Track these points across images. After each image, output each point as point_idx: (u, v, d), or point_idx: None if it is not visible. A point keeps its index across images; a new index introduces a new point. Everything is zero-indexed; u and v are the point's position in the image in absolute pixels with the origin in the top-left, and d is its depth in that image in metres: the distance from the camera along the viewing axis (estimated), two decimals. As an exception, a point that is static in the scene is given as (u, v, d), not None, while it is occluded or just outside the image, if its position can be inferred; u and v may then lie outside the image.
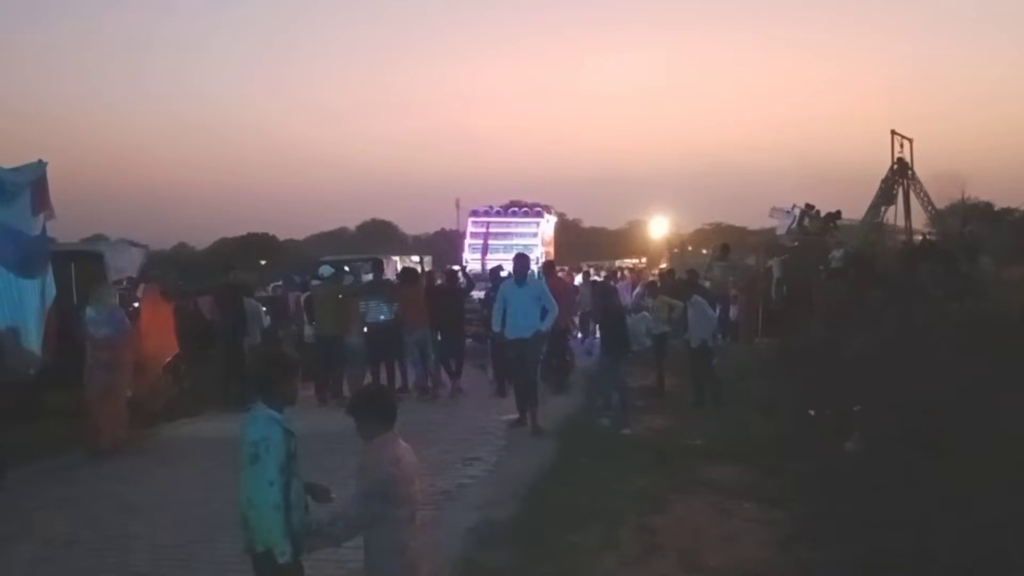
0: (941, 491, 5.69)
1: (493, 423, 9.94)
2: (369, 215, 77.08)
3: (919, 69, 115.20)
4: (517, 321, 9.58)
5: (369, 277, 12.86)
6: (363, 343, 11.61)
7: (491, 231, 20.17)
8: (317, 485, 3.66)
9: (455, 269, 15.45)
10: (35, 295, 8.90)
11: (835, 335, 11.85)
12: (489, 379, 12.41)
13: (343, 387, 11.50)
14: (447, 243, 34.68)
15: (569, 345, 13.88)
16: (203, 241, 70.13)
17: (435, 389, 11.86)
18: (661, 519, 6.24)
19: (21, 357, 8.58)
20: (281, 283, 21.19)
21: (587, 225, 73.55)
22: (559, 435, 9.11)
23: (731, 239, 28.60)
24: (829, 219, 22.03)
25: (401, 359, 12.13)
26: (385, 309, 11.63)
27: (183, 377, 11.53)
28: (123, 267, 12.24)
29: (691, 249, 41.55)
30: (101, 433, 8.81)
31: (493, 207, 21.26)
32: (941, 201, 38.65)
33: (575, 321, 16.57)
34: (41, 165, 9.21)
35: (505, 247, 18.91)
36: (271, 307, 14.73)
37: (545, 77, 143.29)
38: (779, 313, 16.75)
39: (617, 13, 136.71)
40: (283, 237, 69.40)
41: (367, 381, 10.76)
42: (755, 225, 44.61)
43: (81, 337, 9.14)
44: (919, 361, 8.74)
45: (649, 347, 11.85)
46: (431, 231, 65.42)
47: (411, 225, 77.30)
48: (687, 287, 12.18)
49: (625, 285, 18.74)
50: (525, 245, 17.88)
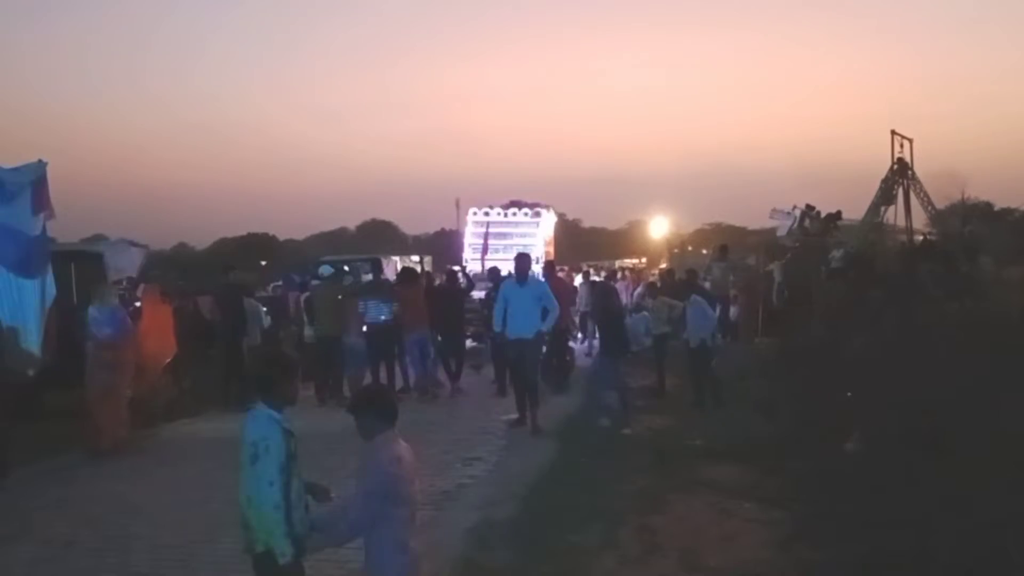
0: (941, 491, 5.70)
1: (493, 423, 9.93)
2: (369, 215, 77.20)
3: (919, 69, 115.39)
4: (518, 321, 9.56)
5: (368, 277, 12.86)
6: (363, 343, 11.60)
7: (491, 231, 20.15)
8: (317, 485, 3.67)
9: (455, 269, 15.45)
10: (35, 295, 8.89)
11: (835, 335, 11.87)
12: (490, 379, 12.41)
13: (343, 387, 11.51)
14: (447, 243, 34.64)
15: (569, 345, 13.88)
16: (203, 241, 70.39)
17: (435, 389, 11.87)
18: (661, 519, 6.24)
19: (21, 357, 8.59)
20: (281, 283, 21.20)
21: (587, 225, 73.53)
22: (559, 435, 9.10)
23: (731, 239, 28.62)
24: (830, 220, 22.03)
25: (401, 359, 12.13)
26: (385, 309, 11.61)
27: (183, 377, 11.54)
28: (123, 267, 12.27)
29: (691, 249, 41.53)
30: (101, 433, 8.81)
31: (493, 207, 21.24)
32: (941, 201, 38.65)
33: (575, 321, 16.57)
34: (41, 165, 9.21)
35: (505, 247, 18.91)
36: (271, 307, 14.74)
37: (545, 77, 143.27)
38: (779, 313, 16.76)
39: (617, 13, 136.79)
40: (283, 237, 69.61)
41: (367, 381, 10.77)
42: (755, 225, 44.67)
43: (81, 337, 9.15)
44: (919, 361, 8.75)
45: (649, 347, 11.87)
46: (431, 231, 65.37)
47: (411, 225, 77.38)
48: (686, 287, 12.19)
49: (624, 285, 18.72)
50: (525, 245, 17.86)
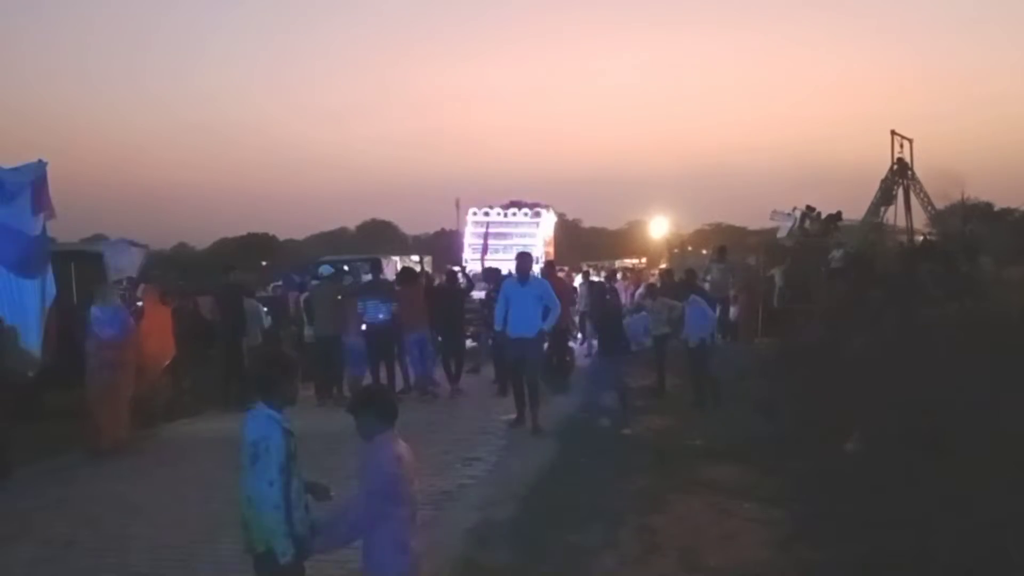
0: (941, 491, 5.70)
1: (493, 423, 9.92)
2: (369, 215, 77.15)
3: (919, 69, 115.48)
4: (519, 320, 9.55)
5: (368, 277, 12.86)
6: (362, 343, 11.60)
7: (491, 231, 20.15)
8: (316, 483, 3.67)
9: (455, 269, 15.45)
10: (35, 295, 8.91)
11: (835, 335, 11.87)
12: (490, 379, 12.40)
13: (343, 387, 11.51)
14: (447, 243, 34.61)
15: (569, 345, 13.88)
16: (203, 241, 70.38)
17: (433, 389, 11.86)
18: (661, 519, 6.23)
19: (21, 357, 8.59)
20: (281, 283, 21.21)
21: (587, 225, 73.46)
22: (559, 435, 9.10)
23: (731, 239, 28.66)
24: (830, 221, 22.05)
25: (401, 359, 12.13)
26: (384, 309, 11.62)
27: (183, 377, 11.54)
28: (123, 267, 12.27)
29: (691, 249, 41.41)
30: (102, 433, 8.81)
31: (493, 207, 21.24)
32: (941, 201, 38.61)
33: (575, 321, 16.57)
34: (41, 165, 9.22)
35: (505, 247, 18.92)
36: (271, 307, 14.74)
37: (545, 77, 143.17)
38: (779, 313, 16.77)
39: (617, 13, 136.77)
40: (283, 237, 69.51)
41: (367, 381, 10.76)
42: (755, 225, 44.59)
43: (81, 337, 9.14)
44: (919, 361, 8.75)
45: (649, 347, 11.87)
46: (431, 231, 65.29)
47: (411, 225, 77.35)
48: (685, 287, 12.19)
49: (624, 286, 18.70)
50: (525, 245, 17.83)
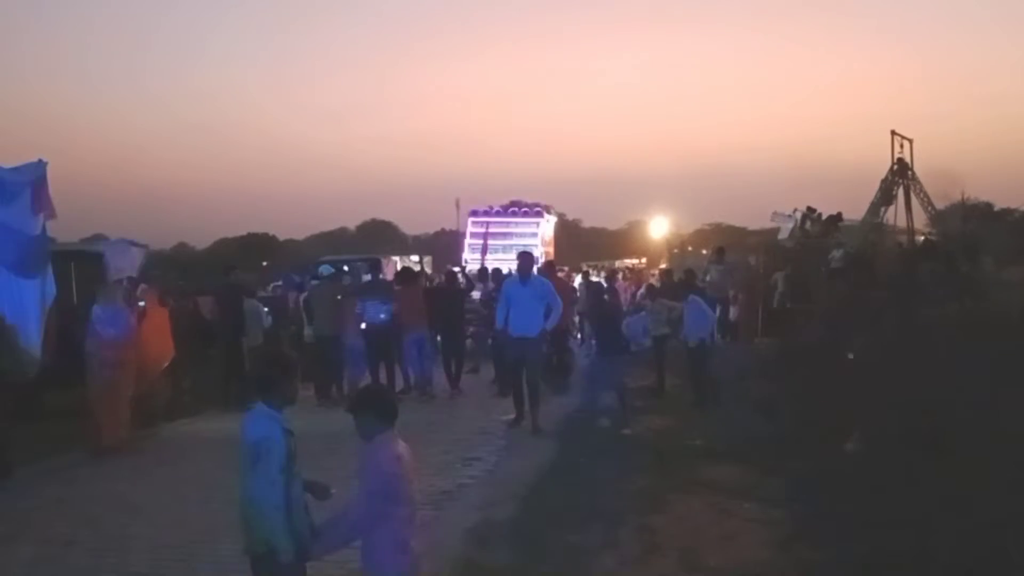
0: (941, 491, 5.70)
1: (493, 423, 9.93)
2: (369, 215, 77.24)
3: (919, 69, 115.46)
4: (520, 319, 9.55)
5: (368, 277, 12.86)
6: (361, 343, 11.60)
7: (491, 231, 20.16)
8: (316, 482, 3.68)
9: (455, 269, 15.45)
10: (35, 295, 8.89)
11: (835, 335, 11.86)
12: (490, 379, 12.40)
13: (343, 387, 11.50)
14: (447, 243, 34.63)
15: (569, 345, 13.88)
16: (203, 241, 70.40)
17: (431, 389, 11.86)
18: (661, 519, 6.23)
19: (21, 357, 8.58)
20: (280, 283, 21.20)
21: (587, 225, 73.55)
22: (559, 435, 9.10)
23: (731, 239, 28.71)
24: (830, 222, 22.06)
25: (400, 359, 12.13)
26: (383, 309, 11.62)
27: (183, 377, 11.54)
28: (123, 267, 12.25)
29: (691, 249, 41.38)
30: (102, 432, 8.81)
31: (493, 207, 21.24)
32: (941, 201, 38.60)
33: (575, 322, 16.57)
34: (41, 165, 9.21)
35: (505, 247, 18.94)
36: (271, 307, 14.73)
37: (545, 77, 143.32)
38: (779, 313, 16.77)
39: (617, 13, 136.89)
40: (283, 237, 69.52)
41: (366, 381, 10.76)
42: (755, 225, 44.56)
43: (81, 337, 9.14)
44: (919, 361, 8.75)
45: (649, 347, 11.86)
46: (431, 231, 65.41)
47: (411, 225, 77.47)
48: (684, 287, 12.19)
49: (624, 287, 18.70)
50: (525, 245, 17.83)
